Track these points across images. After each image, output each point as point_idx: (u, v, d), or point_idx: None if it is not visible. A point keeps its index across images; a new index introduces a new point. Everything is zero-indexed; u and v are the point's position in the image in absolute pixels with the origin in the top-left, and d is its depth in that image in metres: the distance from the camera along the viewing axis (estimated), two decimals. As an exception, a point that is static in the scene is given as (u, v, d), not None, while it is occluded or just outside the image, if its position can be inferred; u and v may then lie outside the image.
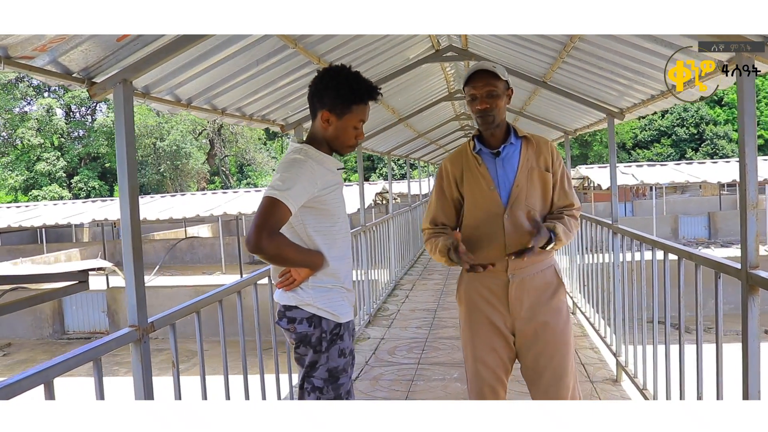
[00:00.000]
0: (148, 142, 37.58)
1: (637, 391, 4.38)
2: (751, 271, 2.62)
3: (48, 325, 13.92)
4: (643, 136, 42.61)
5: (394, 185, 26.77)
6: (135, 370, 2.60)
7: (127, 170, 2.50)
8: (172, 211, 14.71)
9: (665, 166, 20.78)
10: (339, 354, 2.53)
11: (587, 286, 6.53)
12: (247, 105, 4.15)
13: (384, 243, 9.06)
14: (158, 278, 18.29)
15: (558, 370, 2.68)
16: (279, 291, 2.56)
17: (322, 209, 2.46)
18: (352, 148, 2.59)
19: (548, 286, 2.69)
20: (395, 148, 10.33)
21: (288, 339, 2.59)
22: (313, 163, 2.41)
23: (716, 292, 3.00)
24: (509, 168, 2.65)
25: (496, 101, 2.58)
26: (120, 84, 2.46)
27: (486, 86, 2.58)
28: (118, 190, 2.52)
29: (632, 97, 4.67)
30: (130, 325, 2.56)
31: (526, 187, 2.63)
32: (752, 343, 2.65)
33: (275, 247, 2.31)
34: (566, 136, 7.86)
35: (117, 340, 2.47)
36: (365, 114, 2.49)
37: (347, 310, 2.57)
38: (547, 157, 2.67)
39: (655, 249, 3.98)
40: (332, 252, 2.51)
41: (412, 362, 5.59)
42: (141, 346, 2.58)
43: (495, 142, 2.68)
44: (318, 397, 2.53)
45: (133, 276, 2.54)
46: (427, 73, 6.36)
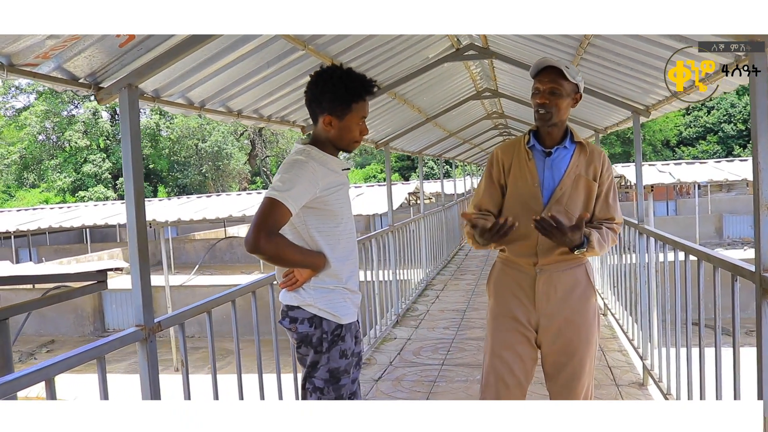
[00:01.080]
0: (190, 143, 38.26)
1: (661, 395, 4.29)
2: (765, 273, 2.54)
3: (89, 323, 14.29)
4: (688, 133, 41.64)
5: (432, 185, 26.71)
6: (142, 369, 2.64)
7: (132, 173, 2.55)
8: (206, 212, 14.93)
9: (705, 164, 20.20)
10: (340, 355, 2.54)
11: (617, 287, 6.42)
12: (263, 107, 4.18)
13: (415, 243, 9.04)
14: (198, 278, 18.59)
15: (577, 369, 2.65)
16: (283, 291, 2.58)
17: (325, 210, 2.47)
18: (358, 144, 2.61)
19: (577, 285, 2.65)
20: (426, 147, 10.30)
21: (290, 339, 2.61)
22: (315, 163, 2.42)
23: (732, 294, 2.92)
24: (557, 170, 2.63)
25: (557, 100, 2.55)
26: (125, 89, 2.50)
27: (551, 83, 2.55)
28: (124, 193, 2.56)
29: (657, 94, 4.57)
30: (136, 324, 2.60)
31: (570, 192, 2.61)
32: (766, 348, 2.56)
33: (274, 248, 2.33)
34: (596, 134, 7.73)
35: (122, 339, 2.51)
36: (365, 109, 2.50)
37: (349, 312, 2.56)
38: (597, 167, 2.64)
39: (676, 250, 3.89)
40: (335, 253, 2.51)
41: (436, 363, 5.57)
42: (147, 345, 2.62)
43: (550, 141, 2.65)
44: (319, 397, 2.54)
45: (139, 276, 2.58)
46: (451, 72, 6.32)
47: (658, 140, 41.69)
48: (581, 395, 2.68)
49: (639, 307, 5.10)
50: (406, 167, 43.01)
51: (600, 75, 4.76)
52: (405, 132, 7.43)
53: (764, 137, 2.49)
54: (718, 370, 3.24)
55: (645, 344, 4.85)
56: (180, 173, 39.24)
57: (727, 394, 3.11)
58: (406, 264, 8.56)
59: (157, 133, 38.31)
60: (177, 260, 21.91)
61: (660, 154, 40.87)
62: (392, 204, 7.37)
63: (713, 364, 3.24)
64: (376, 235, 6.66)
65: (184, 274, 19.19)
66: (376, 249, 6.61)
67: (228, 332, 6.55)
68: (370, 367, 5.56)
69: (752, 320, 3.40)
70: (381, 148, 7.21)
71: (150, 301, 2.64)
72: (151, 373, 2.64)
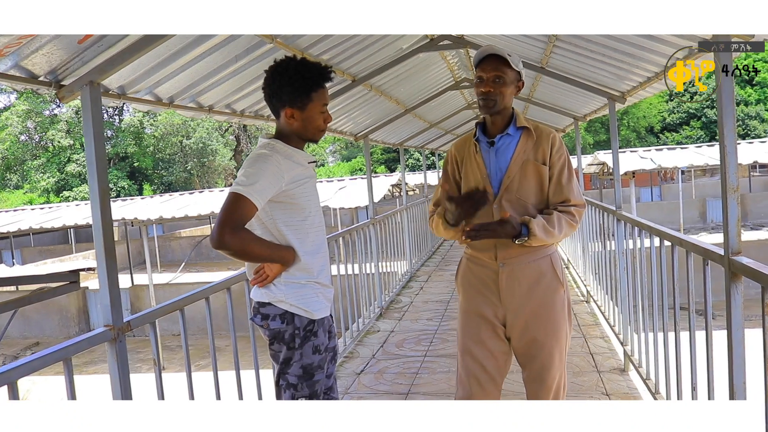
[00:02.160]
0: (174, 140, 38.00)
1: (641, 381, 4.31)
2: (733, 257, 2.54)
3: (74, 324, 14.19)
4: (671, 118, 41.85)
5: (418, 176, 26.68)
6: (111, 369, 2.60)
7: (96, 172, 2.49)
8: (188, 209, 14.84)
9: (686, 149, 20.30)
10: (313, 351, 2.52)
11: (599, 274, 6.44)
12: (235, 101, 4.14)
13: (398, 235, 9.03)
14: (184, 275, 18.52)
15: (546, 361, 2.63)
16: (254, 287, 2.56)
17: (292, 203, 2.45)
18: (323, 133, 2.58)
19: (542, 277, 2.62)
20: (408, 138, 10.28)
21: (263, 335, 2.59)
22: (280, 157, 2.40)
23: (704, 278, 2.92)
24: (502, 158, 2.61)
25: (501, 87, 2.54)
26: (87, 86, 2.45)
27: (495, 70, 2.54)
28: (89, 193, 2.52)
29: (630, 80, 4.57)
30: (104, 324, 2.57)
31: (518, 179, 2.59)
32: (736, 333, 2.57)
33: (239, 243, 2.30)
34: (576, 122, 7.74)
35: (89, 340, 2.48)
36: (326, 97, 2.47)
37: (321, 306, 2.55)
38: (546, 150, 2.60)
39: (652, 235, 3.90)
40: (305, 246, 2.49)
41: (419, 355, 5.57)
42: (116, 345, 2.58)
43: (494, 130, 2.64)
44: (293, 394, 2.53)
45: (106, 276, 2.54)
46: (428, 62, 6.30)
47: (642, 126, 41.86)
48: (552, 386, 2.67)
49: (619, 293, 5.12)
50: (393, 159, 42.96)
51: (575, 63, 4.76)
52: (384, 124, 7.41)
53: (730, 122, 2.49)
54: (693, 355, 3.25)
55: (626, 330, 4.87)
56: (165, 170, 38.97)
57: (701, 378, 3.13)
58: (390, 256, 8.55)
59: (141, 131, 38.01)
60: (163, 258, 21.82)
61: (644, 140, 41.07)
62: (373, 196, 7.34)
63: (695, 348, 3.26)
64: (357, 228, 6.64)
65: (170, 272, 19.11)
66: (359, 242, 6.60)
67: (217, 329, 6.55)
68: (352, 360, 5.55)
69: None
70: (360, 140, 7.18)
71: (118, 300, 2.61)
72: (121, 373, 2.60)
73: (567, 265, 9.30)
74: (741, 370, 2.57)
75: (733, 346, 2.57)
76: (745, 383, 2.59)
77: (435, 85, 7.61)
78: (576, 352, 5.26)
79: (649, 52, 3.70)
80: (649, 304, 4.12)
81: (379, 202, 17.31)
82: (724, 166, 2.52)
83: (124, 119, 38.35)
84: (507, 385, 2.82)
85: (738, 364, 2.58)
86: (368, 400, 4.54)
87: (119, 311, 2.61)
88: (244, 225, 2.31)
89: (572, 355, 5.10)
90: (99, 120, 2.49)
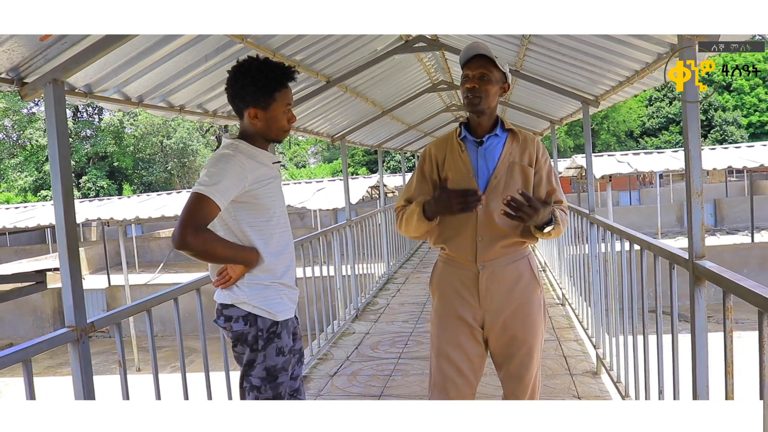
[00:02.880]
0: (155, 140, 37.72)
1: (612, 384, 4.33)
2: (697, 261, 2.57)
3: (49, 325, 14.02)
4: (651, 123, 42.24)
5: (398, 179, 26.68)
6: (74, 371, 2.57)
7: (60, 172, 2.46)
8: (165, 209, 14.72)
9: (662, 154, 20.54)
10: (277, 352, 2.50)
11: (573, 278, 6.47)
12: (207, 101, 4.10)
13: (376, 237, 9.02)
14: (163, 276, 18.38)
15: (525, 359, 2.64)
16: (217, 289, 2.54)
17: (256, 204, 2.43)
18: (287, 133, 2.56)
19: (520, 278, 2.63)
20: (386, 140, 10.28)
21: (226, 337, 2.57)
22: (243, 157, 2.38)
23: (671, 281, 2.95)
24: (490, 158, 2.61)
25: (486, 85, 2.55)
26: (50, 84, 2.42)
27: (481, 68, 2.55)
28: (52, 192, 2.48)
29: (604, 84, 4.60)
30: (67, 325, 2.54)
31: (505, 179, 2.58)
32: (699, 336, 2.59)
33: (201, 243, 2.28)
34: (552, 125, 7.78)
35: (50, 341, 2.44)
36: (289, 96, 2.46)
37: (285, 308, 2.53)
38: (532, 153, 2.62)
39: (622, 239, 3.93)
40: (269, 248, 2.47)
41: (393, 357, 5.56)
42: (79, 346, 2.55)
43: (481, 131, 2.64)
44: (256, 396, 2.51)
45: (69, 276, 2.51)
46: (404, 64, 6.29)
47: (622, 131, 42.22)
48: (530, 384, 2.68)
49: (592, 297, 5.15)
50: (374, 161, 42.92)
51: (549, 66, 4.78)
52: (361, 125, 7.40)
53: (694, 127, 2.52)
54: (660, 358, 3.28)
55: (598, 333, 4.89)
56: (145, 170, 38.65)
57: (669, 380, 3.15)
58: (368, 258, 8.54)
59: (121, 131, 37.65)
60: (142, 259, 21.63)
61: (624, 145, 41.42)
62: (349, 198, 7.33)
63: (662, 351, 3.28)
64: (333, 229, 6.63)
65: (149, 273, 18.95)
66: (335, 243, 6.58)
67: (191, 330, 6.47)
68: (326, 362, 5.54)
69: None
70: (337, 142, 7.16)
71: (81, 301, 2.57)
72: (84, 374, 2.57)
73: (544, 268, 9.34)
74: (704, 373, 2.60)
75: (697, 349, 2.60)
76: (707, 385, 2.61)
77: (412, 87, 7.61)
78: (549, 355, 5.28)
79: (621, 57, 3.73)
80: (620, 308, 4.15)
81: (358, 204, 17.26)
82: (689, 170, 2.54)
83: (104, 118, 37.96)
84: (480, 387, 2.82)
85: (701, 367, 2.60)
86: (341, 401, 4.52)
87: (82, 312, 2.57)
88: (206, 225, 2.29)
89: (546, 358, 5.12)
90: (63, 119, 2.46)
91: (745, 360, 2.85)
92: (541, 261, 9.81)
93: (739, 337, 3.25)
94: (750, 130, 40.83)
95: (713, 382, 2.64)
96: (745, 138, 38.98)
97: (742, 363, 2.78)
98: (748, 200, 19.85)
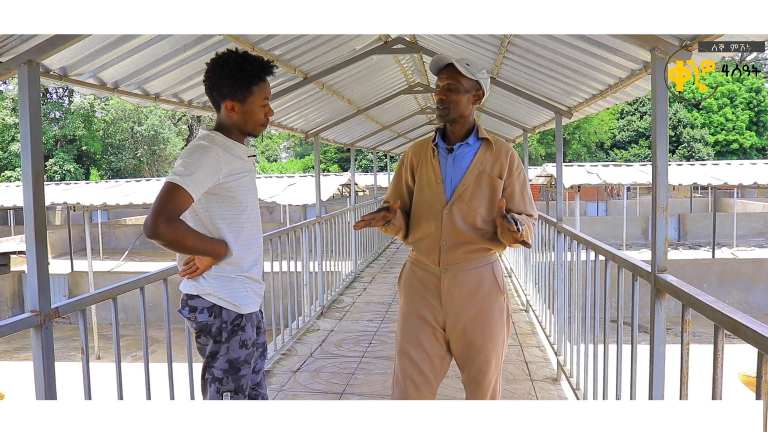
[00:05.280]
0: (125, 126, 37.18)
1: (571, 390, 4.40)
2: (659, 274, 2.63)
3: (8, 308, 13.74)
4: (621, 136, 42.85)
5: (370, 177, 26.70)
6: (35, 357, 2.54)
7: (31, 154, 2.43)
8: (134, 197, 14.54)
9: (631, 167, 20.92)
10: (240, 345, 2.51)
11: (538, 284, 6.56)
12: (183, 91, 4.08)
13: (345, 235, 9.03)
14: (127, 264, 18.15)
15: (483, 365, 2.68)
16: (183, 279, 2.53)
17: (229, 197, 2.43)
18: (264, 127, 2.57)
19: (482, 284, 2.66)
20: (360, 139, 10.29)
21: (190, 328, 2.56)
22: (218, 149, 2.38)
23: (633, 293, 3.01)
24: (459, 166, 2.65)
25: (453, 96, 2.58)
26: (24, 65, 2.39)
27: (448, 79, 2.59)
28: (22, 175, 2.45)
29: (577, 96, 4.68)
30: (30, 310, 2.51)
31: (472, 188, 2.62)
32: (657, 348, 2.66)
33: (173, 233, 2.27)
34: (525, 133, 7.86)
35: (12, 325, 2.41)
36: (267, 90, 2.47)
37: (250, 301, 2.53)
38: (503, 164, 2.65)
39: (588, 249, 3.99)
40: (239, 241, 2.47)
41: (356, 355, 5.58)
42: (42, 332, 2.52)
43: (454, 139, 2.68)
44: (218, 388, 2.51)
45: (35, 260, 2.48)
46: (381, 65, 6.33)
47: (593, 142, 42.77)
48: (489, 389, 2.73)
49: (556, 304, 5.22)
50: (346, 159, 42.83)
51: (524, 75, 4.84)
52: (336, 123, 7.41)
53: (662, 143, 2.57)
54: (619, 368, 3.34)
55: (560, 340, 4.96)
56: (114, 156, 38.06)
57: (626, 389, 3.21)
58: (336, 255, 8.55)
59: (92, 114, 37.02)
60: (107, 246, 21.33)
61: (594, 156, 41.96)
62: (320, 195, 7.32)
63: (622, 360, 3.35)
64: (302, 225, 6.62)
65: (113, 260, 18.70)
66: (304, 239, 6.58)
67: (153, 320, 6.39)
68: (289, 358, 5.53)
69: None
70: (310, 138, 7.16)
71: (47, 285, 2.55)
72: (45, 361, 2.54)
73: (509, 274, 9.43)
74: (660, 382, 2.66)
75: (654, 360, 2.66)
76: (663, 395, 2.67)
77: (388, 88, 7.64)
78: (511, 360, 5.34)
79: (595, 71, 3.79)
80: (582, 316, 4.22)
81: (329, 201, 17.25)
82: (656, 186, 2.60)
83: (74, 101, 37.30)
84: (442, 389, 2.86)
85: (658, 377, 2.66)
86: (303, 398, 4.53)
87: (47, 297, 2.55)
88: (179, 215, 2.28)
89: (507, 363, 5.17)
90: (36, 100, 2.43)
91: (700, 372, 2.92)
92: (507, 267, 9.91)
93: (696, 350, 3.33)
94: (716, 148, 41.66)
95: (668, 392, 2.70)
96: (712, 156, 39.77)
97: (697, 375, 2.85)
98: (711, 217, 20.25)
